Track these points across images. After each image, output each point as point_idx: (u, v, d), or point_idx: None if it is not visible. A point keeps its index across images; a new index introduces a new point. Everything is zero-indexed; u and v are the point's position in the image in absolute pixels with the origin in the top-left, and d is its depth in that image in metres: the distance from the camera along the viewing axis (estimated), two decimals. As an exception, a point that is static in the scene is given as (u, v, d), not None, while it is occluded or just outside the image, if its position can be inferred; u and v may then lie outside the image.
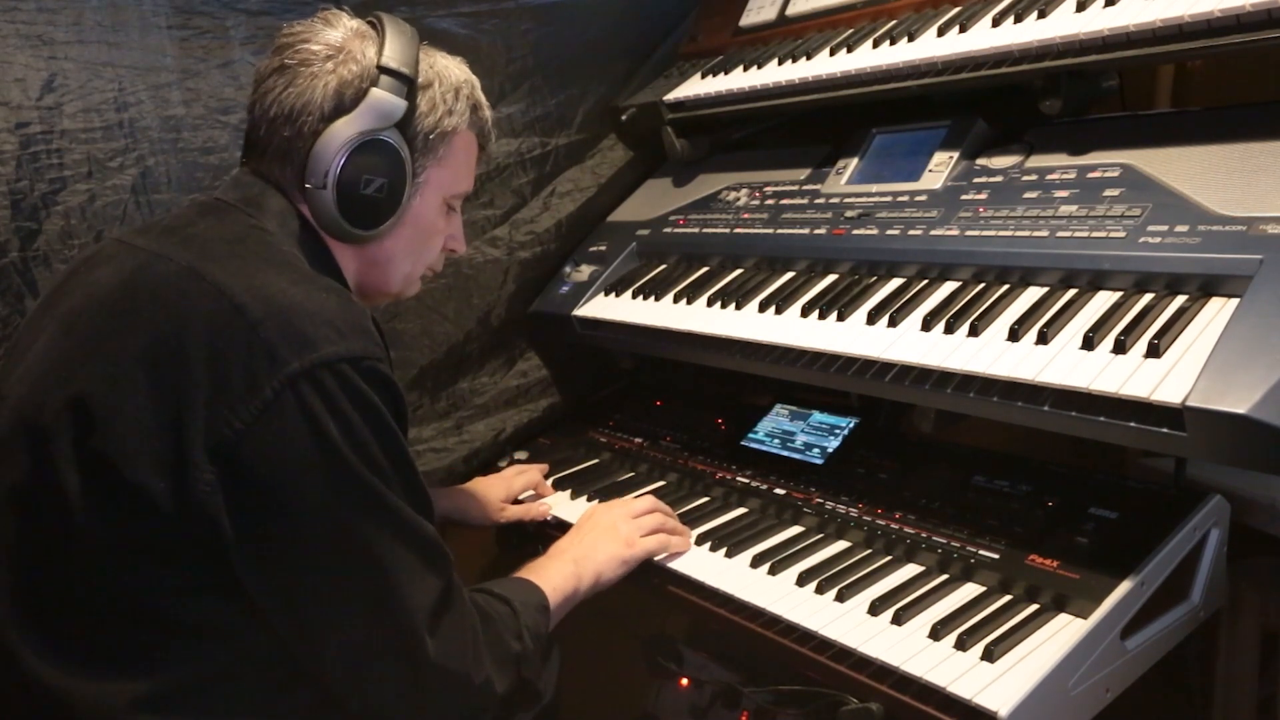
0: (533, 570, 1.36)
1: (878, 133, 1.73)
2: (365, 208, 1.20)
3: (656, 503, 1.52)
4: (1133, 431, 1.09)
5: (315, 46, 1.18)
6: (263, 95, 1.19)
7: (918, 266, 1.48)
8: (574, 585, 1.35)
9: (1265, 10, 1.15)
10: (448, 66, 1.28)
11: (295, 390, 0.99)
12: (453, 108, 1.26)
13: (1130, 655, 1.17)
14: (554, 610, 1.31)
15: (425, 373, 1.90)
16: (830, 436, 1.64)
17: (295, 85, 1.17)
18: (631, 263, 1.96)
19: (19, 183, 1.47)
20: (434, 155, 1.25)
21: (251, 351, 0.99)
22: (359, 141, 1.17)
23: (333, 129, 1.16)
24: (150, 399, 1.00)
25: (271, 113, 1.18)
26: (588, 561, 1.39)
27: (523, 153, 1.98)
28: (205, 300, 1.02)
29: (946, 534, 1.35)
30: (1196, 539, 1.21)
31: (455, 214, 1.37)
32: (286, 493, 1.00)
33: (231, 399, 0.99)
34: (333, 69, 1.17)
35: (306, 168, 1.17)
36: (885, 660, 1.15)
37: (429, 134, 1.24)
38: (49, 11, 1.50)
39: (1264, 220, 1.14)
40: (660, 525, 1.47)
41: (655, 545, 1.45)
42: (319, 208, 1.18)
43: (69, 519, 1.01)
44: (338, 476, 1.01)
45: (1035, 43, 1.37)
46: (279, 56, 1.19)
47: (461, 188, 1.33)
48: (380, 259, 1.27)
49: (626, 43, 2.14)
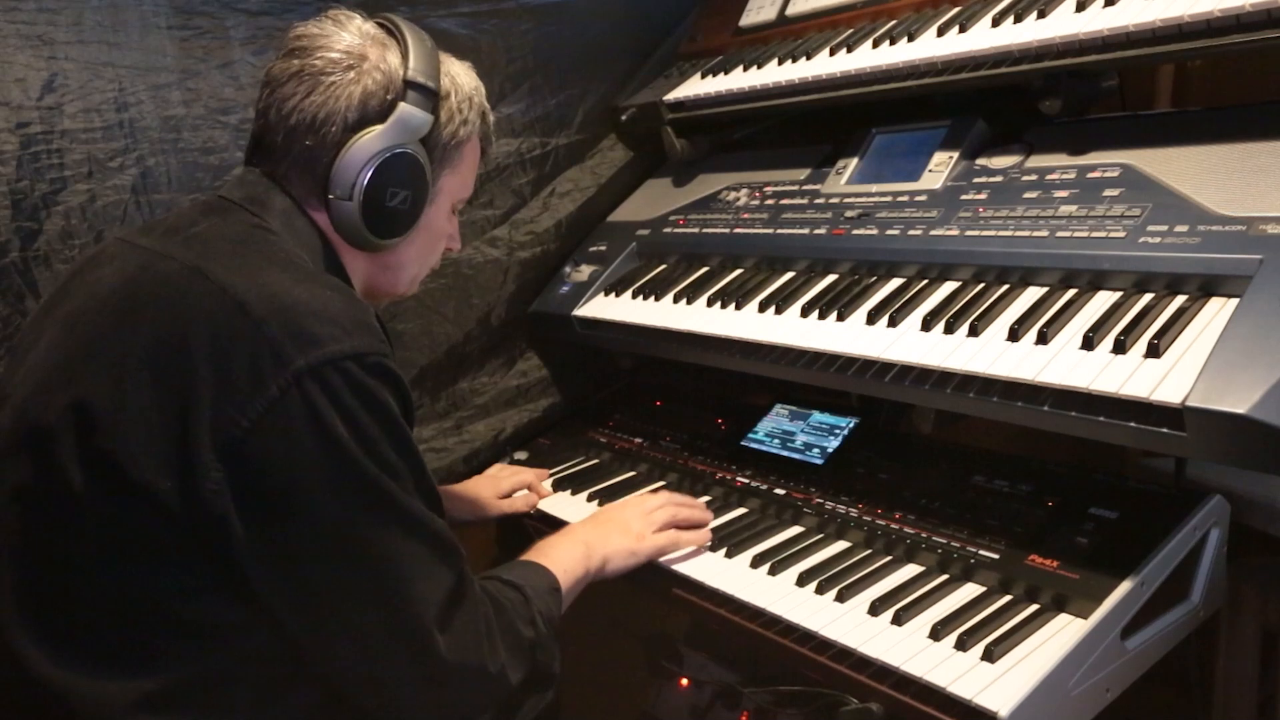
0: (543, 550, 1.37)
1: (878, 133, 1.73)
2: (389, 219, 1.20)
3: (671, 496, 1.54)
4: (1133, 431, 1.09)
5: (334, 54, 1.16)
6: (280, 101, 1.17)
7: (918, 266, 1.48)
8: (583, 567, 1.37)
9: (1265, 10, 1.15)
10: (459, 75, 1.27)
11: (301, 388, 0.99)
12: (467, 117, 1.27)
13: (1130, 655, 1.17)
14: (565, 592, 1.32)
15: (425, 373, 1.90)
16: (830, 436, 1.64)
17: (316, 94, 1.16)
18: (631, 263, 1.96)
19: (19, 183, 1.47)
20: (449, 164, 1.27)
21: (256, 349, 0.99)
22: (387, 156, 1.17)
23: (361, 142, 1.16)
24: (155, 398, 1.00)
25: (292, 120, 1.17)
26: (598, 545, 1.41)
27: (523, 153, 1.98)
28: (208, 299, 1.02)
29: (946, 534, 1.35)
30: (1196, 539, 1.21)
31: (454, 215, 1.38)
32: (294, 490, 1.00)
33: (237, 397, 0.98)
34: (355, 78, 1.16)
35: (330, 179, 1.17)
36: (885, 660, 1.15)
37: (447, 144, 1.25)
38: (49, 11, 1.50)
39: (1264, 220, 1.14)
40: (672, 520, 1.48)
41: (665, 541, 1.46)
42: (342, 218, 1.18)
43: (74, 519, 1.01)
44: (345, 473, 1.01)
45: (1035, 43, 1.37)
46: (295, 60, 1.17)
47: (468, 192, 1.35)
48: (392, 264, 1.28)
49: (626, 43, 2.14)
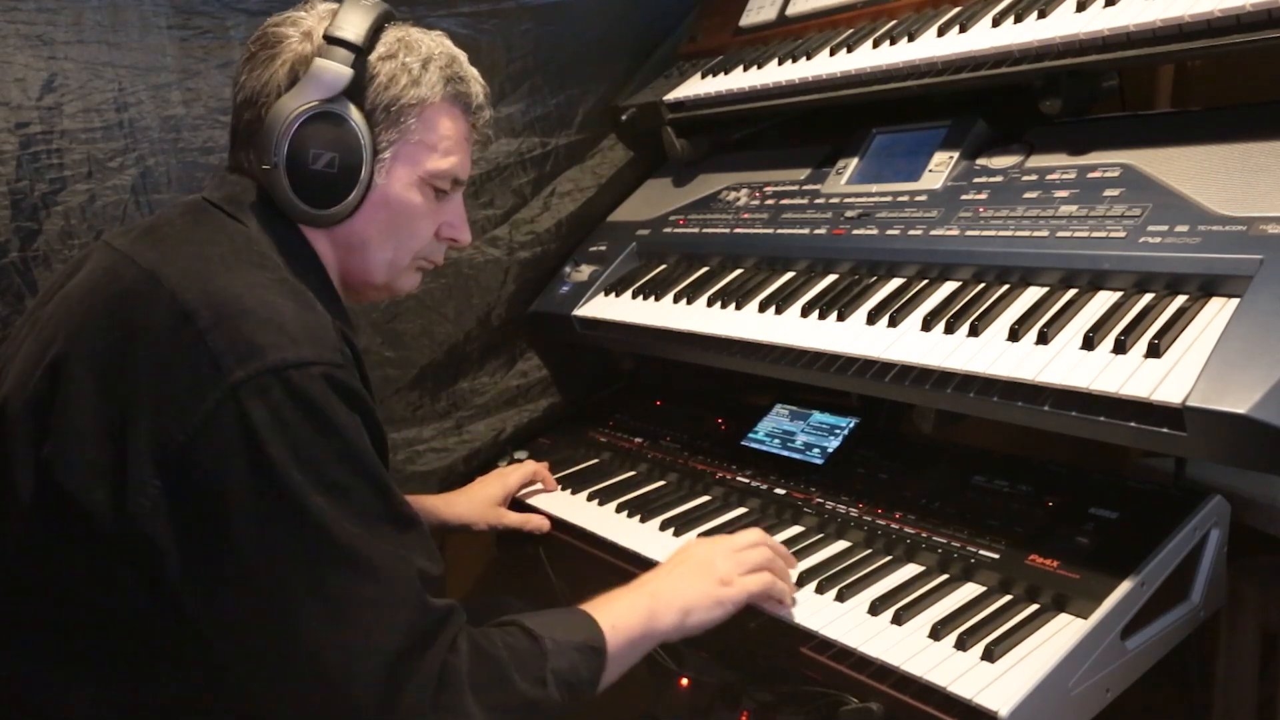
0: (602, 601, 1.19)
1: (878, 133, 1.73)
2: (319, 185, 1.13)
3: (764, 536, 1.32)
4: (1133, 431, 1.09)
5: (282, 30, 1.16)
6: (234, 85, 1.18)
7: (918, 266, 1.48)
8: (646, 623, 1.17)
9: (1265, 10, 1.15)
10: (420, 39, 1.21)
11: (237, 400, 0.93)
12: (419, 79, 1.18)
13: (1130, 655, 1.17)
14: (614, 652, 1.13)
15: (425, 373, 1.90)
16: (830, 436, 1.64)
17: (257, 69, 1.15)
18: (631, 263, 1.96)
19: (19, 183, 1.47)
20: (399, 129, 1.18)
21: (197, 360, 0.95)
22: (305, 114, 1.11)
23: (279, 103, 1.12)
24: (95, 406, 0.97)
25: (239, 99, 1.17)
26: (671, 596, 1.20)
27: (523, 153, 1.98)
28: (157, 307, 0.98)
29: (946, 534, 1.35)
30: (1196, 539, 1.21)
31: (449, 198, 1.28)
32: (222, 512, 0.93)
33: (176, 409, 0.94)
34: (290, 48, 1.15)
35: (261, 148, 1.13)
36: (885, 660, 1.15)
37: (390, 106, 1.17)
38: (49, 11, 1.50)
39: (1264, 220, 1.14)
40: (767, 563, 1.27)
41: (758, 587, 1.24)
42: (275, 188, 1.13)
43: (23, 526, 0.99)
44: (275, 497, 0.93)
45: (1035, 43, 1.37)
46: (250, 45, 1.18)
47: (441, 165, 1.22)
48: (354, 242, 1.20)
49: (626, 43, 2.14)
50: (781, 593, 1.27)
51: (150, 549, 0.95)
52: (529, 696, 1.04)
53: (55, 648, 1.02)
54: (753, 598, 1.25)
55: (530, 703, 1.04)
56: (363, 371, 1.13)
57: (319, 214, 1.16)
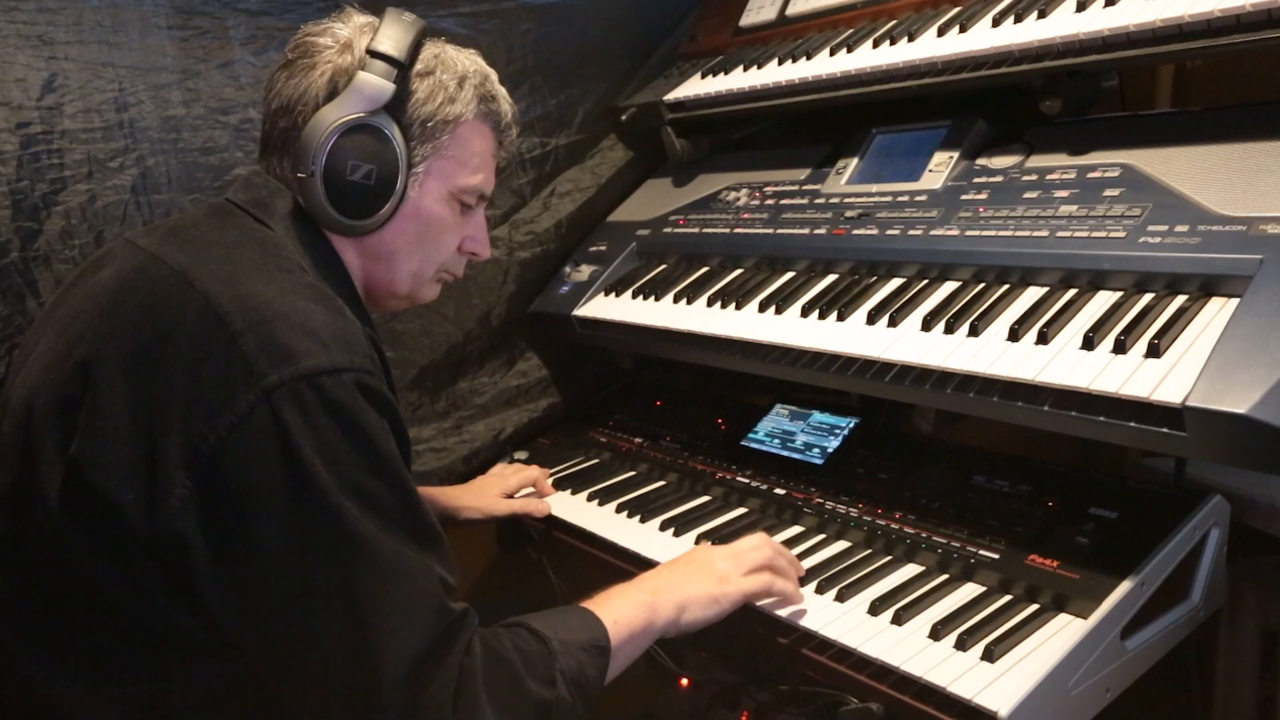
0: (603, 597, 1.21)
1: (878, 133, 1.73)
2: (355, 196, 1.16)
3: (767, 539, 1.34)
4: (1133, 431, 1.09)
5: (321, 40, 1.18)
6: (271, 92, 1.19)
7: (918, 266, 1.48)
8: (647, 618, 1.19)
9: (1265, 10, 1.15)
10: (456, 56, 1.24)
11: (270, 404, 0.94)
12: (455, 96, 1.22)
13: (1130, 655, 1.17)
14: (617, 647, 1.15)
15: (425, 373, 1.90)
16: (830, 436, 1.64)
17: (295, 76, 1.17)
18: (631, 263, 1.96)
19: (19, 183, 1.47)
20: (434, 144, 1.21)
21: (230, 363, 0.95)
22: (345, 126, 1.13)
23: (319, 114, 1.14)
24: (127, 406, 0.97)
25: (274, 105, 1.18)
26: (670, 593, 1.22)
27: (523, 153, 1.98)
28: (190, 309, 0.99)
29: (946, 534, 1.35)
30: (1196, 539, 1.21)
31: (473, 212, 1.31)
32: (253, 514, 0.94)
33: (208, 411, 0.94)
34: (330, 59, 1.16)
35: (298, 157, 1.15)
36: (885, 660, 1.15)
37: (426, 121, 1.20)
38: (49, 11, 1.50)
39: (1264, 220, 1.14)
40: (768, 563, 1.28)
41: (757, 586, 1.26)
42: (310, 197, 1.15)
43: (50, 526, 0.99)
44: (306, 500, 0.94)
45: (1035, 43, 1.37)
46: (290, 53, 1.19)
47: (470, 181, 1.26)
48: (382, 253, 1.23)
49: (626, 43, 2.14)
50: (782, 592, 1.28)
51: (180, 549, 0.95)
52: (540, 697, 1.05)
53: (79, 650, 1.02)
54: (750, 597, 1.27)
55: (541, 703, 1.05)
56: (389, 378, 1.14)
57: (353, 224, 1.18)
